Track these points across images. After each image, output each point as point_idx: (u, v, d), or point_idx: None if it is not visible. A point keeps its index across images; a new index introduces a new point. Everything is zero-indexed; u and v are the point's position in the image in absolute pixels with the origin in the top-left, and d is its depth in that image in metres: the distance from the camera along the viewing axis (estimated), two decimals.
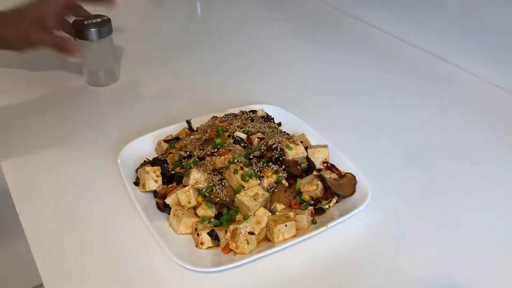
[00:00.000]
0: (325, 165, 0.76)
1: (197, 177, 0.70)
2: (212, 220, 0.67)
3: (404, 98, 1.03)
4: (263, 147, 0.75)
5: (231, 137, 0.77)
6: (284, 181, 0.72)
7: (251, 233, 0.65)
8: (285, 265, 0.64)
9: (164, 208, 0.70)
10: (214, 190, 0.70)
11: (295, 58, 1.21)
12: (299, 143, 0.76)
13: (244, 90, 1.05)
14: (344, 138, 0.87)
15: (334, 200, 0.71)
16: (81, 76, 1.06)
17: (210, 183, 0.70)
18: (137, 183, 0.74)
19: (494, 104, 1.02)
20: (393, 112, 0.98)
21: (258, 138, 0.77)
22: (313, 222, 0.68)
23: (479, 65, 1.09)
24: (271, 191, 0.71)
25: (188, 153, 0.76)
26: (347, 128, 0.93)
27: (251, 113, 0.87)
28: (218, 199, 0.69)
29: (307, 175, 0.74)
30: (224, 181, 0.71)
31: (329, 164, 0.76)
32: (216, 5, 1.54)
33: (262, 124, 0.82)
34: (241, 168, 0.70)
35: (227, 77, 1.12)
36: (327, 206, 0.71)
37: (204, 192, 0.69)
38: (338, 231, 0.68)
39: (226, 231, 0.65)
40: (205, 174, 0.71)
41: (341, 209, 0.70)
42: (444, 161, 0.84)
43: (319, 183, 0.71)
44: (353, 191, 0.72)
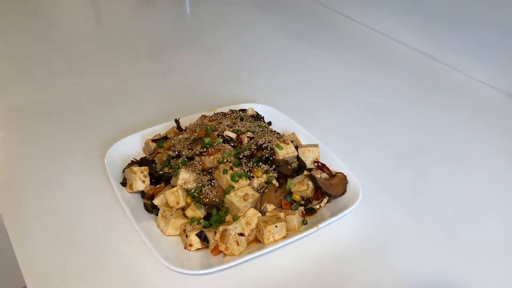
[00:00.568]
0: (316, 164, 0.76)
1: (186, 177, 0.69)
2: (201, 221, 0.66)
3: (395, 98, 1.03)
4: (253, 146, 0.74)
5: (220, 136, 0.76)
6: (274, 181, 0.71)
7: (241, 234, 0.64)
8: (275, 266, 0.63)
9: (152, 209, 0.69)
10: (203, 191, 0.69)
11: (286, 57, 1.21)
12: (290, 142, 0.75)
13: (234, 89, 1.04)
14: (335, 138, 0.87)
15: (325, 200, 0.71)
16: None
17: (199, 183, 0.69)
18: (124, 184, 0.73)
19: (485, 104, 1.02)
20: (384, 111, 0.98)
21: (248, 137, 0.76)
22: (304, 223, 0.68)
23: (472, 65, 1.10)
24: (261, 191, 0.70)
25: (177, 152, 0.75)
26: (338, 127, 0.92)
27: (240, 112, 0.86)
28: (207, 200, 0.68)
29: (297, 175, 0.73)
30: (213, 181, 0.70)
31: (320, 164, 0.76)
32: (205, 4, 1.54)
33: (252, 123, 0.81)
34: (231, 168, 0.69)
35: (216, 75, 1.11)
36: (318, 206, 0.71)
37: (193, 193, 0.68)
38: (329, 231, 0.68)
39: (216, 233, 0.64)
40: (194, 174, 0.70)
41: (332, 209, 0.69)
42: (434, 161, 0.84)
43: (310, 183, 0.70)
44: (344, 191, 0.71)
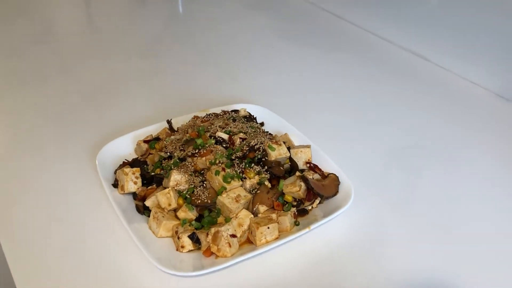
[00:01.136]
0: (308, 165, 0.76)
1: (178, 179, 0.69)
2: (193, 222, 0.66)
3: (388, 98, 1.03)
4: (245, 147, 0.74)
5: (212, 137, 0.75)
6: (266, 182, 0.71)
7: (233, 235, 0.63)
8: (268, 267, 0.63)
9: (143, 210, 0.69)
10: (195, 192, 0.68)
11: (278, 57, 1.21)
12: (282, 143, 0.75)
13: (226, 89, 1.04)
14: (327, 138, 0.87)
15: (317, 201, 0.71)
16: None
17: (191, 184, 0.69)
18: (115, 185, 0.72)
19: (476, 105, 1.02)
20: (376, 112, 0.98)
21: (240, 138, 0.76)
22: (296, 224, 0.68)
23: (463, 66, 1.10)
24: (253, 192, 0.70)
25: (169, 154, 0.75)
26: (330, 128, 0.92)
27: (233, 112, 0.86)
28: (199, 201, 0.68)
29: (290, 176, 0.73)
30: (205, 182, 0.70)
31: (312, 165, 0.76)
32: (197, 4, 1.53)
33: (244, 124, 0.80)
34: (223, 169, 0.69)
35: (208, 76, 1.10)
36: (310, 207, 0.71)
37: (185, 194, 0.68)
38: (322, 232, 0.68)
39: (208, 234, 0.63)
40: (186, 176, 0.70)
41: (324, 210, 0.70)
42: (426, 161, 0.84)
43: (302, 184, 0.70)
44: (336, 192, 0.71)
